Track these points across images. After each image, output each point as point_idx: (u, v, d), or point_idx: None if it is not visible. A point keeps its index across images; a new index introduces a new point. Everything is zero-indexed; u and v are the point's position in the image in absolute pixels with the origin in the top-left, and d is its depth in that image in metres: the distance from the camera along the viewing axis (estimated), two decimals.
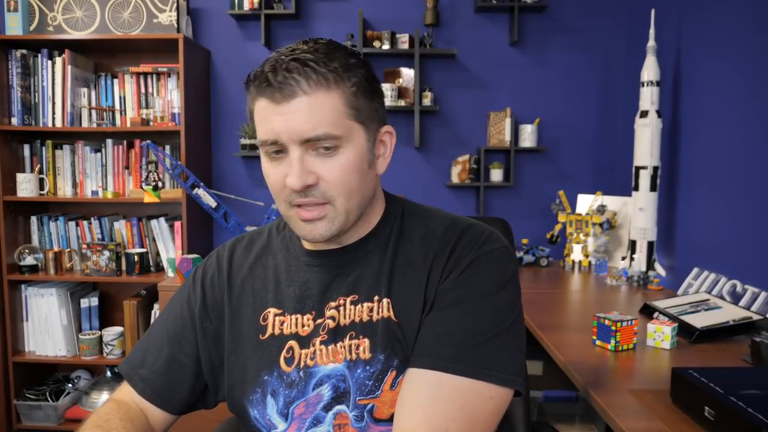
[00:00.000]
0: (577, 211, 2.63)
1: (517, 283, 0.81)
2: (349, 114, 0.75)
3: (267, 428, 0.82)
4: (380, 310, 0.80)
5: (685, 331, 1.50)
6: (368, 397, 0.78)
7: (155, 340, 0.91)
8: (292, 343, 0.82)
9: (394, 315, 0.79)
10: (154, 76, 2.68)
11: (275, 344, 0.83)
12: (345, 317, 0.81)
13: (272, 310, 0.85)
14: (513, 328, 0.77)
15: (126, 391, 0.89)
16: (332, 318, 0.82)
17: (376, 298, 0.81)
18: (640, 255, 2.18)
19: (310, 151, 0.75)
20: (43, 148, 2.68)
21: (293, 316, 0.83)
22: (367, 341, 0.79)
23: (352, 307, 0.82)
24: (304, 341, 0.82)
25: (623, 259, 2.41)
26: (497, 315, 0.76)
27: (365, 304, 0.81)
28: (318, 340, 0.81)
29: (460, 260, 0.79)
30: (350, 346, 0.80)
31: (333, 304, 0.82)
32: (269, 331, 0.84)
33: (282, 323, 0.84)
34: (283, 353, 0.82)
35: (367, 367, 0.79)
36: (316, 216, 0.77)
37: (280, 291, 0.86)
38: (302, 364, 0.81)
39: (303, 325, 0.83)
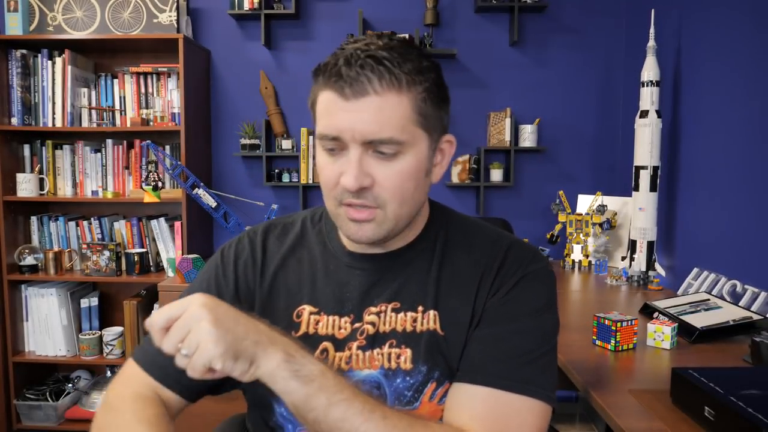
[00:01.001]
0: (577, 211, 2.63)
1: (556, 302, 0.83)
2: (415, 120, 0.73)
3: (294, 424, 0.81)
4: (425, 321, 0.79)
5: (685, 331, 1.49)
6: (406, 407, 0.77)
7: None
8: (327, 344, 0.81)
9: (441, 328, 0.79)
10: (154, 76, 2.68)
11: (308, 343, 0.80)
12: (385, 324, 0.80)
13: (307, 308, 0.83)
14: (554, 349, 0.79)
15: (138, 383, 0.82)
16: (372, 323, 0.80)
17: (420, 308, 0.80)
18: (640, 255, 2.18)
19: (370, 152, 0.73)
20: (43, 148, 2.68)
21: (330, 317, 0.81)
22: (409, 351, 0.78)
23: (393, 314, 0.80)
24: (340, 344, 0.80)
25: (623, 259, 2.41)
26: (543, 335, 0.77)
27: (408, 314, 0.80)
28: (355, 345, 0.80)
29: (508, 277, 0.79)
30: (389, 354, 0.79)
31: (374, 309, 0.81)
32: (303, 329, 0.82)
33: (317, 323, 0.82)
34: (316, 354, 0.80)
35: (407, 378, 0.78)
36: (365, 218, 0.75)
37: (316, 289, 0.84)
38: (336, 367, 0.79)
39: (340, 328, 0.81)
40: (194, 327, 0.63)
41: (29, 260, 2.60)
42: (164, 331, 0.65)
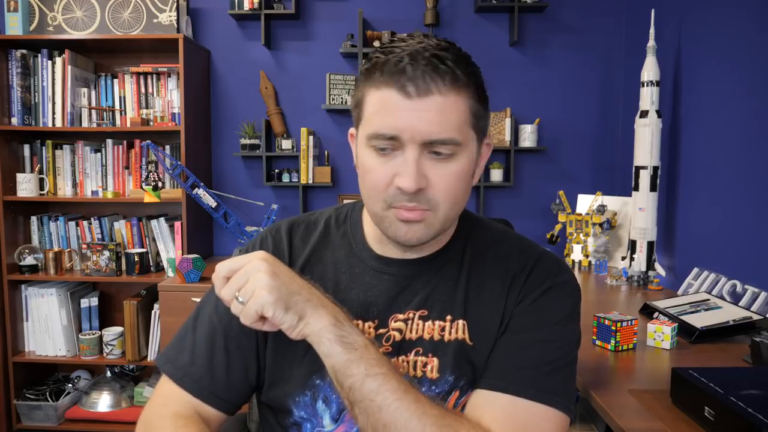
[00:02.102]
0: (577, 211, 2.63)
1: (580, 314, 0.82)
2: (470, 121, 0.72)
3: (313, 423, 0.80)
4: (453, 330, 0.79)
5: (685, 331, 1.49)
6: None
7: (206, 334, 0.81)
8: None
9: (470, 338, 0.78)
10: (154, 76, 2.68)
11: None
12: (412, 332, 0.79)
13: None
14: (575, 361, 0.79)
15: (172, 399, 0.78)
16: (398, 330, 0.79)
17: (449, 317, 0.79)
18: (640, 255, 2.18)
19: (425, 154, 0.71)
20: (43, 148, 2.68)
21: (354, 322, 0.78)
22: (436, 361, 0.78)
23: (421, 322, 0.79)
24: None
25: (623, 259, 2.41)
26: (567, 346, 0.77)
27: (437, 323, 0.79)
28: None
29: (536, 286, 0.79)
30: (416, 362, 0.78)
31: (401, 316, 0.80)
32: None
33: None
34: None
35: (433, 387, 0.77)
36: (416, 218, 0.73)
37: (340, 292, 0.82)
38: None
39: (363, 332, 0.77)
40: (252, 276, 0.69)
41: (29, 260, 2.60)
42: (225, 281, 0.71)
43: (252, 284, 0.68)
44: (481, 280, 0.81)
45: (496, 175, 2.76)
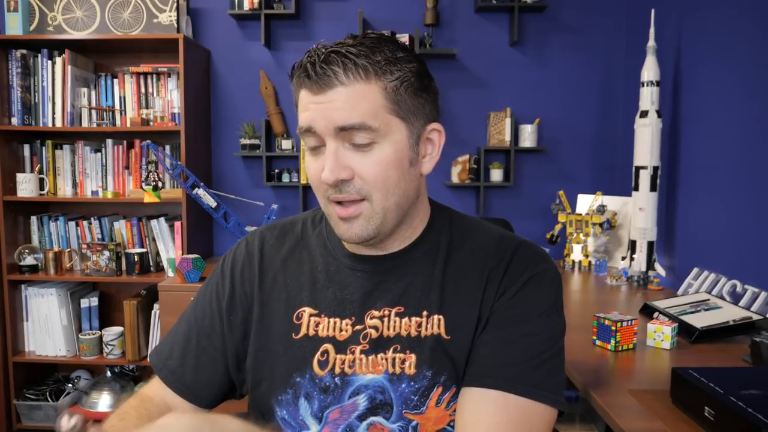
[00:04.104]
0: (577, 211, 2.63)
1: (563, 303, 0.82)
2: (388, 108, 0.73)
3: (298, 428, 0.81)
4: (429, 326, 0.79)
5: (685, 331, 1.50)
6: (413, 412, 0.77)
7: (183, 331, 0.88)
8: (328, 346, 0.80)
9: (446, 332, 0.78)
10: (154, 76, 2.68)
11: (309, 345, 0.80)
12: (389, 329, 0.79)
13: (307, 310, 0.82)
14: (562, 351, 0.79)
15: (154, 386, 0.87)
16: (375, 328, 0.80)
17: (425, 313, 0.79)
18: (640, 255, 2.18)
19: (346, 145, 0.73)
20: (43, 148, 2.68)
21: (331, 319, 0.81)
22: (413, 357, 0.78)
23: (397, 319, 0.80)
24: (341, 346, 0.80)
25: (623, 259, 2.41)
26: (551, 337, 0.77)
27: (413, 319, 0.79)
28: (358, 349, 0.79)
29: (516, 278, 0.79)
30: (394, 359, 0.78)
31: (376, 313, 0.80)
32: (303, 331, 0.81)
33: (317, 324, 0.81)
34: (317, 356, 0.79)
35: (412, 383, 0.77)
36: (353, 213, 0.75)
37: (317, 291, 0.83)
38: (338, 370, 0.79)
39: (341, 330, 0.80)
40: None
41: (29, 260, 2.60)
42: None
43: None
44: (457, 273, 0.81)
45: (496, 175, 2.76)
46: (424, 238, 0.84)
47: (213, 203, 2.41)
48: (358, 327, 0.80)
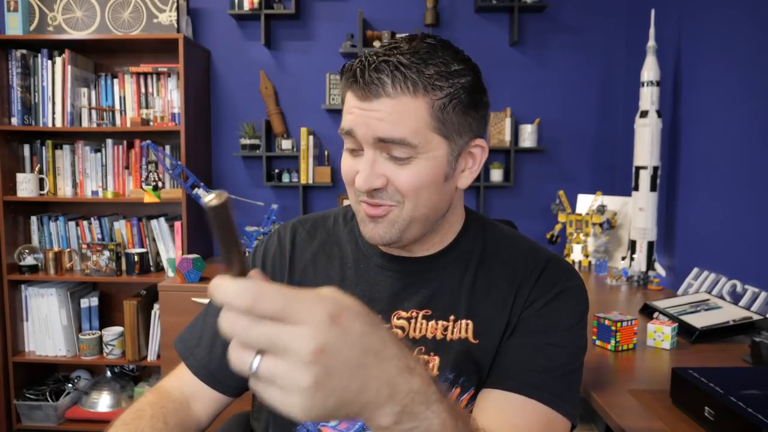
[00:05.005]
0: (577, 211, 2.63)
1: (587, 322, 0.83)
2: (432, 126, 0.72)
3: (314, 425, 0.81)
4: (456, 330, 0.79)
5: (685, 331, 1.50)
6: None
7: (212, 319, 0.86)
8: None
9: (474, 336, 0.79)
10: (154, 76, 2.68)
11: None
12: (416, 331, 0.80)
13: None
14: (581, 367, 0.79)
15: (175, 377, 0.87)
16: (401, 328, 0.80)
17: (452, 317, 0.80)
18: (640, 255, 2.18)
19: (384, 155, 0.73)
20: (43, 148, 2.68)
21: None
22: (437, 359, 0.79)
23: (424, 321, 0.80)
24: None
25: (623, 259, 2.41)
26: (575, 352, 0.78)
27: (440, 322, 0.80)
28: None
29: (547, 290, 0.79)
30: None
31: (404, 314, 0.81)
32: None
33: None
34: None
35: None
36: (381, 213, 0.75)
37: (345, 286, 0.84)
38: None
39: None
40: (293, 362, 0.41)
41: (29, 260, 2.60)
42: (247, 318, 0.41)
43: (286, 372, 0.41)
44: (488, 281, 0.82)
45: (496, 175, 2.76)
46: (457, 244, 0.84)
47: None
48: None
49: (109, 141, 2.69)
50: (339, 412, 0.44)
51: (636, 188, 2.19)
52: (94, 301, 2.70)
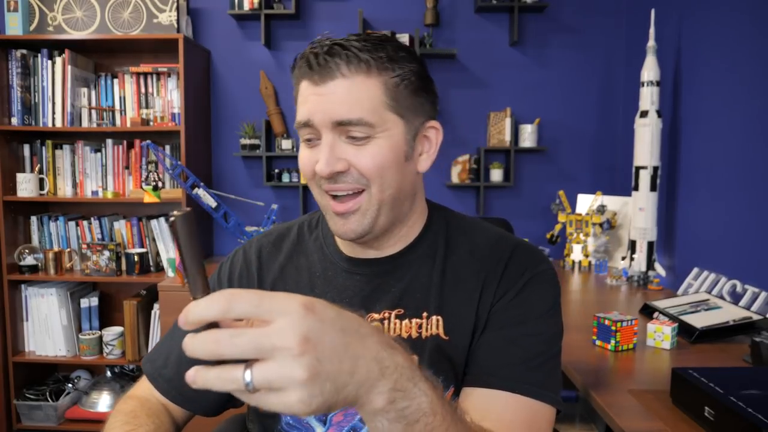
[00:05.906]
0: (577, 211, 2.63)
1: (560, 304, 0.82)
2: (387, 104, 0.74)
3: (304, 430, 0.81)
4: (429, 327, 0.79)
5: (685, 331, 1.50)
6: None
7: (179, 340, 0.86)
8: None
9: (444, 332, 0.78)
10: (154, 76, 2.68)
11: None
12: (390, 331, 0.79)
13: None
14: (560, 352, 0.80)
15: (146, 387, 0.86)
16: None
17: (424, 314, 0.79)
18: (640, 255, 2.18)
19: (343, 138, 0.74)
20: (43, 148, 2.68)
21: None
22: (415, 359, 0.77)
23: (398, 321, 0.80)
24: None
25: (623, 259, 2.41)
26: (551, 337, 0.78)
27: (413, 320, 0.79)
28: None
29: (515, 281, 0.79)
30: None
31: (376, 316, 0.80)
32: None
33: None
34: None
35: None
36: (350, 209, 0.75)
37: (315, 296, 0.81)
38: None
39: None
40: (281, 358, 0.41)
41: (29, 260, 2.60)
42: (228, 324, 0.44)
43: (279, 372, 0.41)
44: (455, 273, 0.81)
45: (496, 175, 2.76)
46: (422, 238, 0.84)
47: (213, 203, 2.40)
48: None
49: (109, 141, 2.69)
50: (338, 397, 0.44)
51: (636, 188, 2.19)
52: (94, 301, 2.70)
